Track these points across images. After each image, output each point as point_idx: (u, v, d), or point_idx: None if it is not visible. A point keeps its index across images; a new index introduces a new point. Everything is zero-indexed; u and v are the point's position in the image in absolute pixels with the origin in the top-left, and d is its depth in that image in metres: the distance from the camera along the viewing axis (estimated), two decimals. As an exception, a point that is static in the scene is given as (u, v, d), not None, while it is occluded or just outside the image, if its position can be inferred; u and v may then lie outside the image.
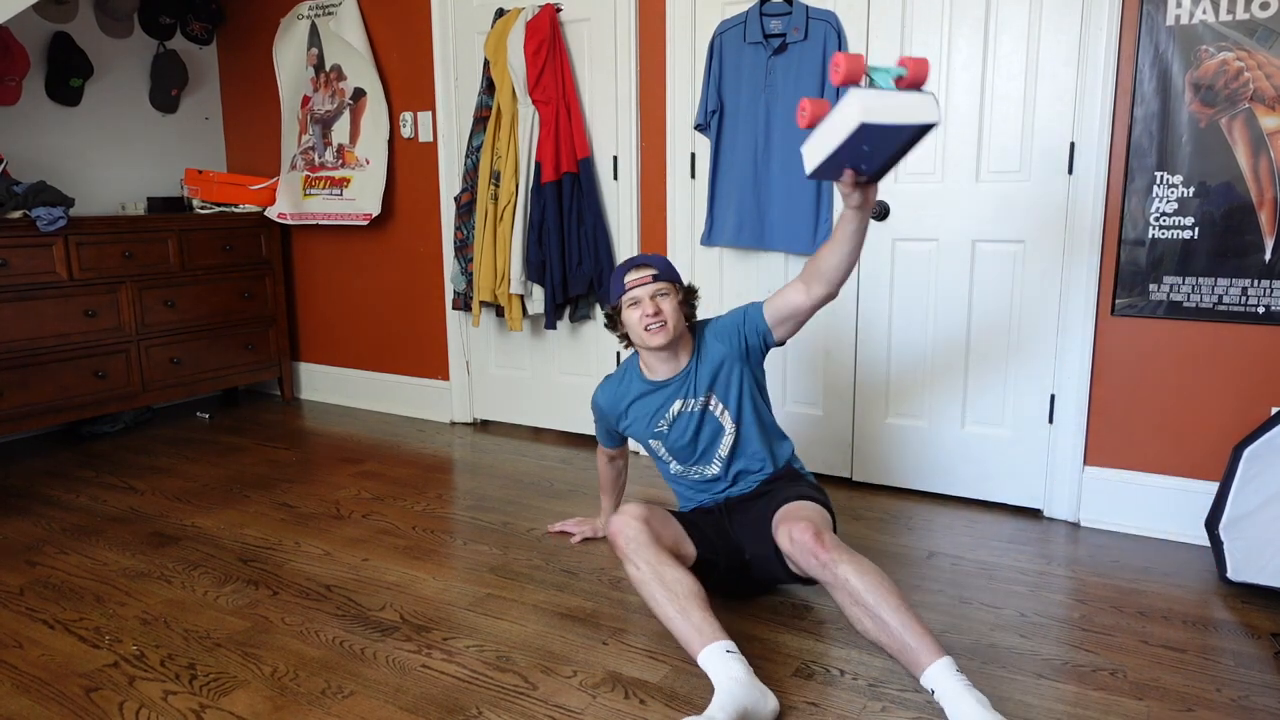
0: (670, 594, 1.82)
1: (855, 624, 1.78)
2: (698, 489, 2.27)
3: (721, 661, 1.71)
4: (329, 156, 4.15)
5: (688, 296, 2.17)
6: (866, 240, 2.96)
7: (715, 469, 2.21)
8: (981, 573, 2.43)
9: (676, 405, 2.17)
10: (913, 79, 1.59)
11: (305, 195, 4.21)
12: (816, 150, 1.65)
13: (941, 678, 1.64)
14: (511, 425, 3.99)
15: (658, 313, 2.06)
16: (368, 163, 4.04)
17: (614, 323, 2.20)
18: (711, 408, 2.16)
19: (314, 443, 3.78)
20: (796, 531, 1.85)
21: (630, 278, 2.11)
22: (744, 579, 2.17)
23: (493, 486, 3.18)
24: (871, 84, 1.58)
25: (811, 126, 1.65)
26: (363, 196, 4.05)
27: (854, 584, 1.74)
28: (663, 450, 2.25)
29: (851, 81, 1.55)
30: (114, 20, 4.07)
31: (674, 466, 2.27)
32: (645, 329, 2.08)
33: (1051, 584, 2.37)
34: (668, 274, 2.14)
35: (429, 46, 3.81)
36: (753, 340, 2.12)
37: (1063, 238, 2.71)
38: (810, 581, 2.00)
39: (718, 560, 2.11)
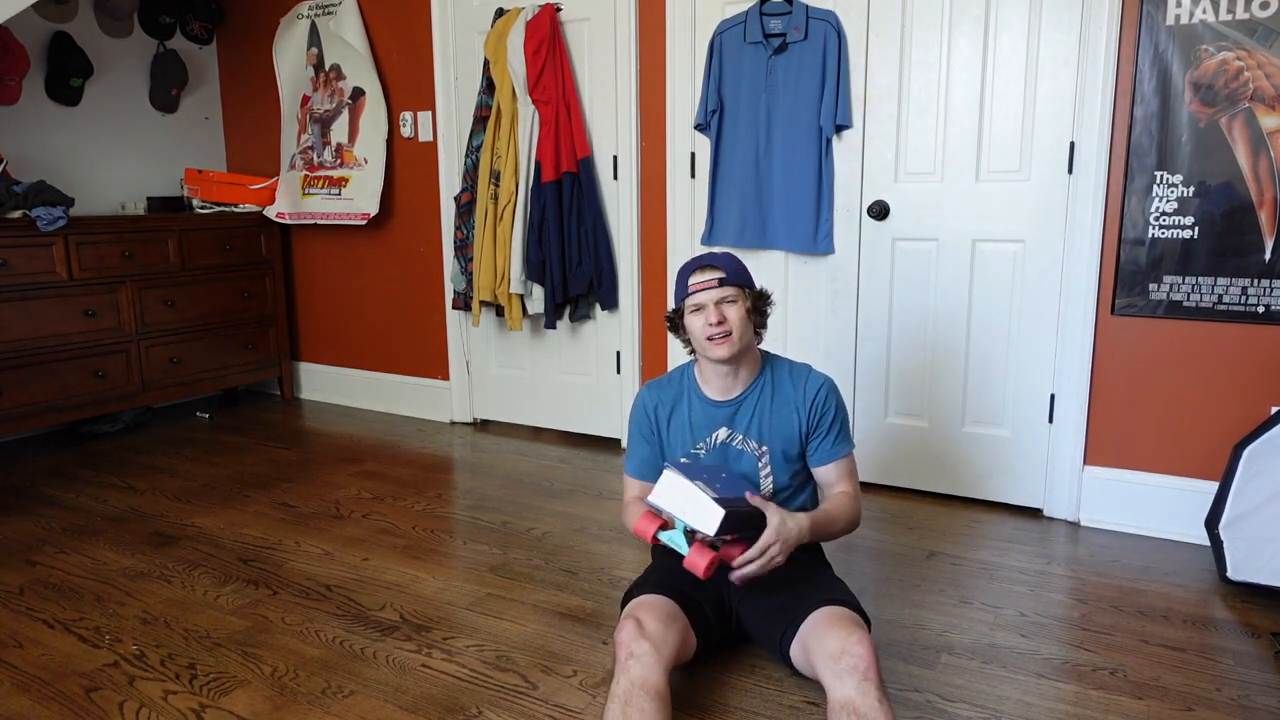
0: None
1: None
2: None
3: None
4: (327, 156, 4.14)
5: (757, 304, 1.92)
6: (868, 239, 3.00)
7: None
8: (982, 572, 2.44)
9: (722, 433, 1.95)
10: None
11: (304, 195, 4.21)
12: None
13: None
14: (511, 425, 3.99)
15: (722, 321, 1.84)
16: (366, 162, 4.04)
17: (676, 326, 1.96)
18: (758, 455, 1.94)
19: (314, 442, 3.78)
20: (861, 662, 1.55)
21: (695, 280, 1.88)
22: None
23: (492, 486, 3.18)
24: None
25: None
26: (361, 196, 4.05)
27: None
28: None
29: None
30: (114, 20, 4.07)
31: None
32: (708, 339, 1.86)
33: (1052, 583, 2.37)
34: (736, 277, 1.89)
35: (429, 46, 3.81)
36: (805, 434, 1.95)
37: (1063, 237, 2.71)
38: (798, 673, 1.81)
39: (712, 639, 1.87)
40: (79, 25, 3.95)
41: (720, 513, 1.64)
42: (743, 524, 1.71)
